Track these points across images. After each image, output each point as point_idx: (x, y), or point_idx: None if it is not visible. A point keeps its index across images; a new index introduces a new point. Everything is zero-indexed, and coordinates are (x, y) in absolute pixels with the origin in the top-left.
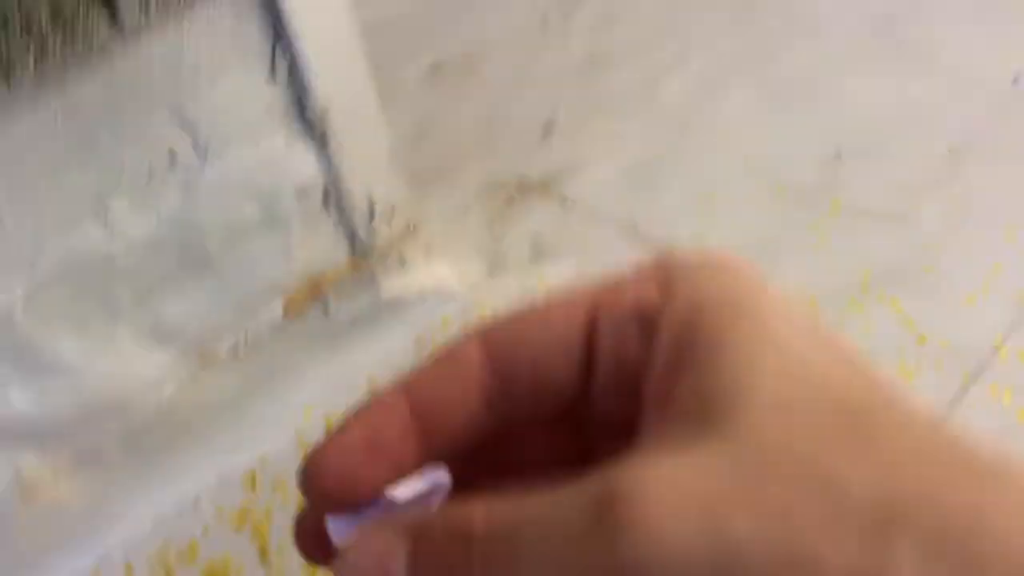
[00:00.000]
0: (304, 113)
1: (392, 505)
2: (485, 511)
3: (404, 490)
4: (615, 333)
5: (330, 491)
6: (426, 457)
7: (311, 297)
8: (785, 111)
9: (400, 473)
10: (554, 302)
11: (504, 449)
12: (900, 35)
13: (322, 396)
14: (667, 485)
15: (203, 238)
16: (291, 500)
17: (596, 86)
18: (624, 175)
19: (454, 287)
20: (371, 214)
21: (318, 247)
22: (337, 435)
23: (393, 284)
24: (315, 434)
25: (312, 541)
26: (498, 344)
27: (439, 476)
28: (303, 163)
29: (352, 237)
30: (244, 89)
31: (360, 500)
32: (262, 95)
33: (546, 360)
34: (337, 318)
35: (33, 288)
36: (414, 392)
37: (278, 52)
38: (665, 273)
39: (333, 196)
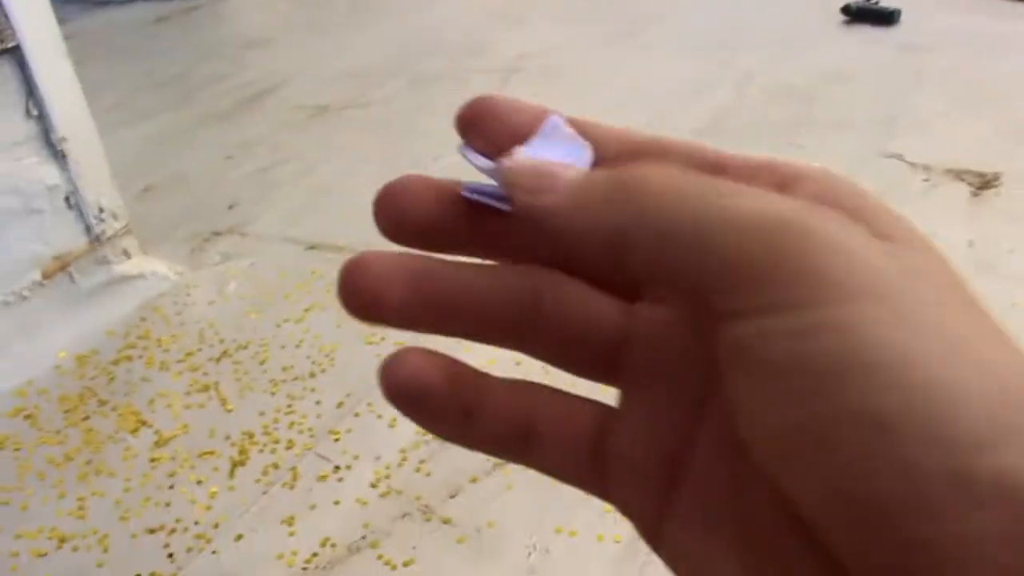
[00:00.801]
0: (50, 140)
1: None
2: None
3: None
4: None
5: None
6: None
7: (61, 268)
8: None
9: None
10: None
11: None
12: None
13: (69, 343)
14: None
15: None
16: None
17: (264, 184)
18: (283, 219)
19: (167, 273)
20: (100, 215)
21: (64, 233)
22: None
23: (121, 267)
24: (68, 369)
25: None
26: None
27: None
28: (50, 174)
29: (88, 230)
30: (7, 124)
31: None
32: (21, 128)
33: None
34: (81, 286)
35: None
36: None
37: (31, 101)
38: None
39: (73, 199)
